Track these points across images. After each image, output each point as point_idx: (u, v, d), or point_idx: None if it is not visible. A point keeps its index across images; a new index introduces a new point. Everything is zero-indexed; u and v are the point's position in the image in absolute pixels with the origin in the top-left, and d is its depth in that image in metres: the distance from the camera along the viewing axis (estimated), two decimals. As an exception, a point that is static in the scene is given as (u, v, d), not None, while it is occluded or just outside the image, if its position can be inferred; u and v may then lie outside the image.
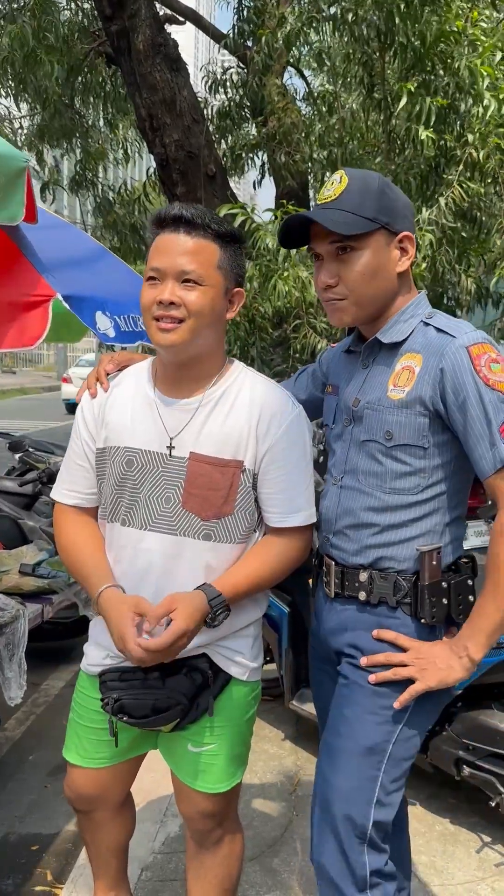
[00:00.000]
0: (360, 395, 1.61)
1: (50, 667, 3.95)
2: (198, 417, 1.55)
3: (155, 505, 1.55)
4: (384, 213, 1.51)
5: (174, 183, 5.93)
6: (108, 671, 1.61)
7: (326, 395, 1.79)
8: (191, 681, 1.56)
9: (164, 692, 1.54)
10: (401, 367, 1.55)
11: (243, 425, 1.55)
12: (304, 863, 2.42)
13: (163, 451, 1.54)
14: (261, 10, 6.21)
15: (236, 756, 1.68)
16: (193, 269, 1.48)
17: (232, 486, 1.54)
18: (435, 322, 1.55)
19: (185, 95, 5.73)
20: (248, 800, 2.76)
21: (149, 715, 1.54)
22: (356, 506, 1.60)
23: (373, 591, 1.57)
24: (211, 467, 1.53)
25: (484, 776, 2.47)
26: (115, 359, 1.71)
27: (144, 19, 5.47)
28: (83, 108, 7.90)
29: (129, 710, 1.55)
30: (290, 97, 6.59)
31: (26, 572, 2.90)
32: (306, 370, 1.96)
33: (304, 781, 2.89)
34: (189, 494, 1.53)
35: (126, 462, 1.56)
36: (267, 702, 3.46)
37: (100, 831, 1.82)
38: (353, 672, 1.58)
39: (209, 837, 1.73)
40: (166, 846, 2.46)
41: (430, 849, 2.51)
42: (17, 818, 2.73)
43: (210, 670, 1.59)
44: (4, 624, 2.43)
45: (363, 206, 1.50)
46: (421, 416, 1.51)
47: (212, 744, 1.63)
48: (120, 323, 2.81)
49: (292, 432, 1.58)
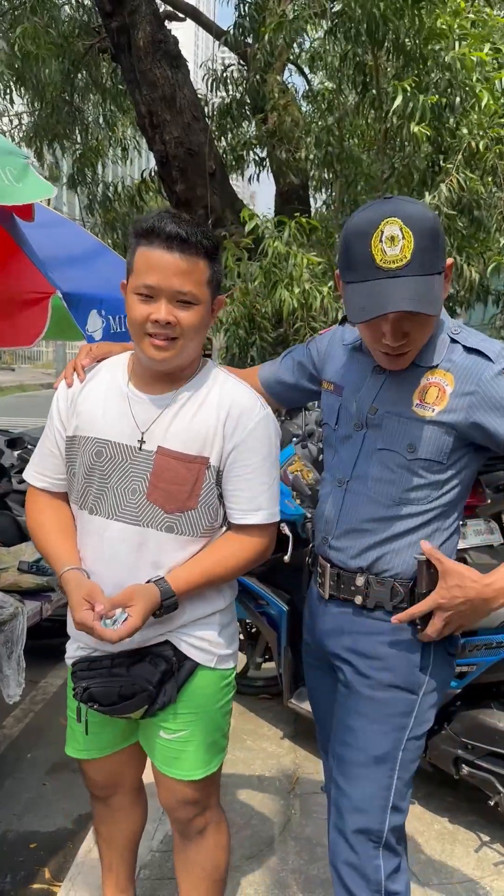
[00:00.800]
0: (378, 403, 1.57)
1: (48, 664, 3.95)
2: (168, 413, 1.58)
3: (121, 495, 1.58)
4: (443, 258, 1.45)
5: (174, 180, 5.92)
6: (79, 661, 1.69)
7: (325, 392, 1.74)
8: (154, 667, 1.60)
9: (128, 679, 1.59)
10: (427, 382, 1.51)
11: (211, 423, 1.58)
12: (302, 861, 2.42)
13: (133, 443, 1.58)
14: (261, 6, 6.20)
15: (211, 744, 1.70)
16: (189, 290, 1.50)
17: (197, 482, 1.57)
18: (462, 339, 1.52)
19: (186, 92, 5.72)
20: (246, 798, 2.76)
21: (116, 702, 1.59)
22: (362, 511, 1.58)
23: (369, 596, 1.57)
24: (177, 462, 1.56)
25: (483, 775, 2.47)
26: (93, 352, 1.75)
27: (145, 16, 5.47)
28: (82, 103, 7.88)
29: (98, 698, 1.61)
30: (290, 94, 6.58)
31: (25, 570, 2.90)
32: (291, 354, 1.88)
33: (302, 780, 2.89)
34: (154, 487, 1.57)
35: (95, 452, 1.60)
36: (265, 700, 3.46)
37: (116, 819, 1.90)
38: (356, 679, 1.58)
39: (191, 828, 1.76)
40: (164, 844, 2.46)
41: (429, 848, 2.51)
42: (15, 816, 2.73)
43: (175, 657, 1.62)
44: (3, 621, 2.43)
45: (434, 262, 1.41)
46: (447, 435, 1.50)
47: (183, 730, 1.66)
48: (112, 324, 2.81)
49: (259, 432, 1.60)
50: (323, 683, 1.76)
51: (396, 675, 1.55)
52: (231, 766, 2.94)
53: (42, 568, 2.90)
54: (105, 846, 1.96)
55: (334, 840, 1.59)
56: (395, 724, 1.54)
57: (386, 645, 1.56)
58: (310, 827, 2.60)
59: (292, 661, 2.99)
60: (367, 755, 1.54)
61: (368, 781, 1.54)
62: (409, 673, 1.55)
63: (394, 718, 1.54)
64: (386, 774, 1.54)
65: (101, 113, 8.07)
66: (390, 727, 1.54)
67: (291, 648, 2.99)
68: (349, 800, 1.55)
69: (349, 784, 1.56)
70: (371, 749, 1.54)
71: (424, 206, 1.45)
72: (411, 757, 1.57)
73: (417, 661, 1.56)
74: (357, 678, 1.57)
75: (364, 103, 5.49)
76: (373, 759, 1.54)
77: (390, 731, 1.54)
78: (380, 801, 1.53)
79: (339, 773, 1.59)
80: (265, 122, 6.42)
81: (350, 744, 1.57)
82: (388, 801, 1.54)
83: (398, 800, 1.55)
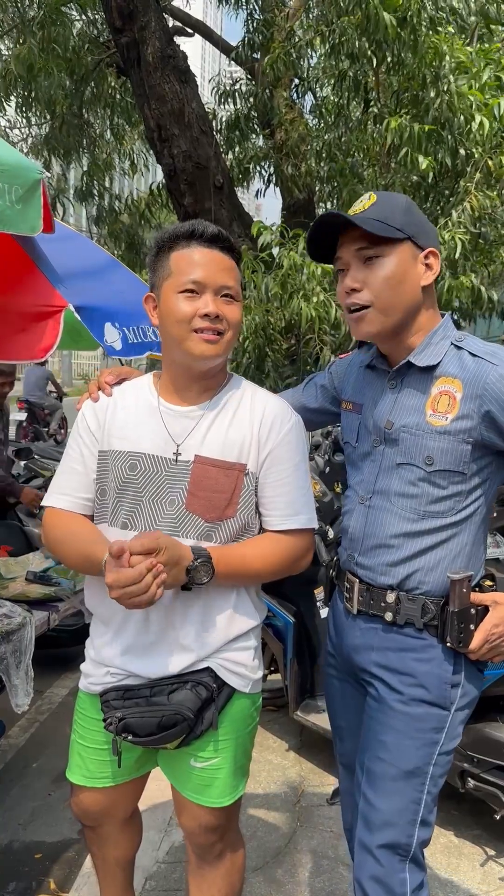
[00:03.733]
0: (394, 417, 1.59)
1: (54, 674, 3.96)
2: (202, 424, 1.59)
3: (158, 508, 1.56)
4: (411, 227, 1.54)
5: (182, 193, 5.97)
6: (110, 689, 1.60)
7: (345, 412, 1.78)
8: (196, 695, 1.55)
9: (170, 708, 1.53)
10: (437, 391, 1.54)
11: (246, 430, 1.59)
12: (308, 874, 2.42)
13: (168, 455, 1.57)
14: (269, 22, 6.28)
15: (239, 769, 1.68)
16: (232, 286, 1.56)
17: (235, 489, 1.57)
18: (468, 346, 1.55)
19: (194, 107, 5.78)
20: (251, 810, 2.76)
21: (155, 733, 1.53)
22: (387, 527, 1.60)
23: (399, 612, 1.58)
24: (216, 469, 1.56)
25: (489, 789, 2.47)
26: (115, 371, 1.76)
27: (154, 31, 5.53)
28: (91, 117, 7.96)
29: (134, 729, 1.53)
30: (297, 109, 6.65)
31: (32, 579, 2.91)
32: (314, 381, 1.95)
33: (308, 792, 2.89)
34: (193, 496, 1.55)
35: (129, 466, 1.57)
36: (271, 712, 3.47)
37: (106, 845, 1.82)
38: (389, 694, 1.59)
39: (211, 851, 1.72)
40: (170, 856, 2.46)
41: (435, 861, 2.51)
42: (20, 825, 2.73)
43: (215, 684, 1.58)
44: (12, 631, 2.44)
45: (392, 217, 1.52)
46: (464, 443, 1.51)
47: (215, 758, 1.62)
48: (128, 335, 2.83)
49: (291, 438, 1.62)
50: (346, 696, 1.77)
51: (428, 691, 1.56)
52: (236, 778, 2.95)
53: (49, 578, 2.92)
54: (98, 864, 1.88)
55: (360, 855, 1.58)
56: (426, 740, 1.56)
57: (417, 661, 1.57)
58: (315, 839, 2.60)
59: (298, 672, 3.00)
60: (399, 769, 1.55)
61: (399, 795, 1.55)
62: (440, 689, 1.56)
63: (426, 734, 1.55)
64: (416, 788, 1.55)
65: (109, 126, 8.15)
66: (422, 742, 1.55)
67: (297, 660, 3.00)
68: (379, 813, 1.56)
69: (379, 797, 1.57)
70: (403, 763, 1.55)
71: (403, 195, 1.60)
72: (441, 772, 1.59)
73: (449, 678, 1.57)
74: (389, 693, 1.58)
75: (367, 120, 5.58)
76: (404, 773, 1.55)
77: (422, 746, 1.55)
78: (409, 815, 1.54)
79: (369, 787, 1.59)
80: (272, 137, 6.49)
81: (382, 758, 1.57)
82: (418, 814, 1.55)
83: (427, 814, 1.56)
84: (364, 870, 1.56)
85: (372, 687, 1.63)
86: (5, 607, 2.57)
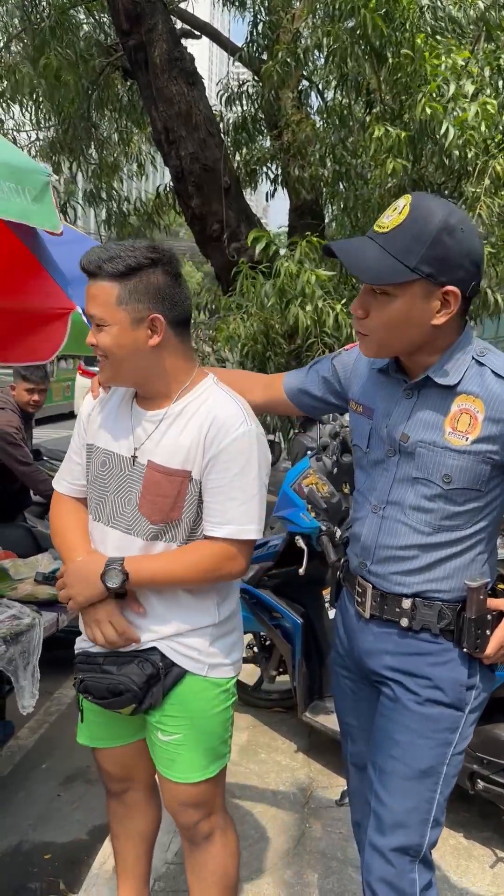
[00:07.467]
0: (410, 430, 1.53)
1: (62, 675, 3.95)
2: (160, 428, 1.67)
3: (119, 505, 1.70)
4: (429, 264, 1.39)
5: (189, 195, 5.99)
6: (80, 653, 1.80)
7: (354, 413, 1.71)
8: (141, 670, 1.68)
9: (116, 678, 1.68)
10: (458, 408, 1.49)
11: (194, 437, 1.63)
12: (317, 876, 2.42)
13: (129, 456, 1.69)
14: (275, 24, 6.28)
15: (207, 749, 1.74)
16: (95, 314, 1.60)
17: (179, 494, 1.64)
18: (490, 363, 1.49)
19: (201, 108, 5.80)
20: (260, 811, 2.76)
21: (106, 697, 1.69)
22: (400, 538, 1.57)
23: (415, 618, 1.56)
24: (161, 476, 1.64)
25: (498, 790, 2.47)
26: None
27: (161, 34, 5.55)
28: (99, 119, 7.99)
29: (91, 691, 1.72)
30: (304, 110, 6.65)
31: (41, 580, 2.92)
32: (316, 368, 1.84)
33: (316, 794, 2.88)
34: (143, 499, 1.66)
35: (101, 462, 1.73)
36: (279, 713, 3.46)
37: (131, 815, 1.97)
38: (405, 695, 1.58)
39: (197, 833, 1.80)
40: (179, 857, 2.46)
41: (444, 863, 2.50)
42: (29, 826, 2.74)
43: (161, 663, 1.69)
44: (20, 632, 2.45)
45: (411, 250, 1.39)
46: (484, 463, 1.48)
47: (176, 734, 1.72)
48: None
49: (237, 446, 1.62)
50: (357, 695, 1.76)
51: (445, 694, 1.56)
52: (245, 779, 2.94)
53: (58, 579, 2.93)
54: (121, 845, 2.01)
55: (369, 857, 1.58)
56: (441, 740, 1.55)
57: (433, 665, 1.56)
58: (324, 841, 2.60)
59: (307, 674, 2.99)
60: (413, 769, 1.55)
61: (412, 794, 1.55)
62: (457, 691, 1.56)
63: (440, 734, 1.55)
64: (429, 788, 1.55)
65: (117, 129, 8.18)
66: (436, 742, 1.55)
67: (306, 661, 2.99)
68: (391, 812, 1.55)
69: (392, 796, 1.56)
70: (417, 763, 1.55)
71: (445, 209, 1.41)
72: (453, 772, 1.59)
73: (465, 681, 1.57)
74: (406, 694, 1.58)
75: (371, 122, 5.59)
76: (418, 772, 1.55)
77: (436, 746, 1.55)
78: (422, 815, 1.54)
79: (382, 786, 1.59)
80: (279, 139, 6.49)
81: (396, 757, 1.57)
82: (430, 814, 1.55)
83: (439, 814, 1.57)
84: (373, 872, 1.56)
85: (387, 687, 1.63)
86: (14, 608, 2.58)
